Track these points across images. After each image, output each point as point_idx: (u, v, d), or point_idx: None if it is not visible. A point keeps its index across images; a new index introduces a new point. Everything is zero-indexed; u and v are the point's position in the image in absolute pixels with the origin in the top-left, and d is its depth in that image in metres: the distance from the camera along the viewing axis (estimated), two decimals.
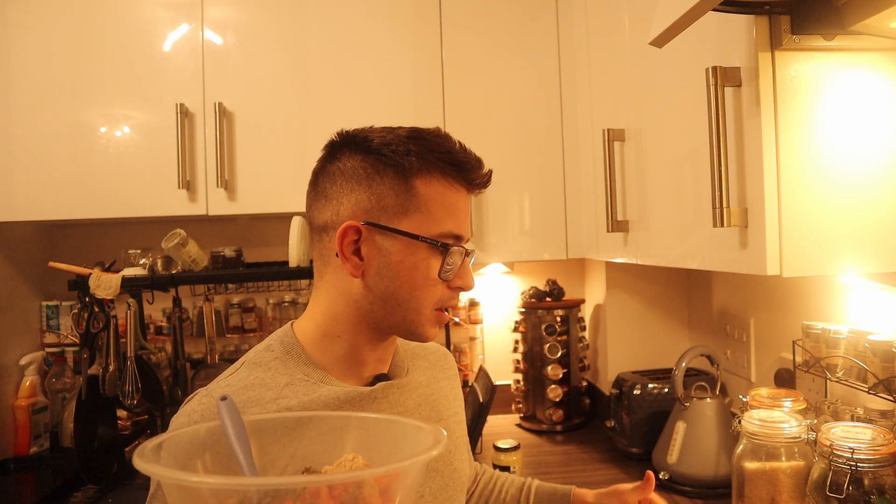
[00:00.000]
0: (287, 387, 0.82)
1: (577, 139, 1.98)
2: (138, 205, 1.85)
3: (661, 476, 1.57)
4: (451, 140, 0.87)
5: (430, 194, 0.82)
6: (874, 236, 0.97)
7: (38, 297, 2.10)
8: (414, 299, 0.83)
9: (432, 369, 1.00)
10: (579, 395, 2.20)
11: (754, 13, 0.95)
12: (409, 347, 1.01)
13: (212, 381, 0.86)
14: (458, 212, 0.85)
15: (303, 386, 0.83)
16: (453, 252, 0.83)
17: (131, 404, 1.70)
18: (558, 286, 2.24)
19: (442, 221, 0.83)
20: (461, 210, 0.86)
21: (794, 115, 0.96)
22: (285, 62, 1.90)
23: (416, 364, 0.98)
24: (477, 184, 0.87)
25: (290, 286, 2.19)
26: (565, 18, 2.01)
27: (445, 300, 0.85)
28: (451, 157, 0.84)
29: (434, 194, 0.83)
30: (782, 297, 1.59)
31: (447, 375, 1.02)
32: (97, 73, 1.84)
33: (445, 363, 1.04)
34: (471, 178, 0.86)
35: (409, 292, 0.83)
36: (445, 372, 1.02)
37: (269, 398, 0.80)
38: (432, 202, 0.82)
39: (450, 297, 0.86)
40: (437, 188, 0.83)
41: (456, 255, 0.84)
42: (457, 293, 0.87)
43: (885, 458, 0.98)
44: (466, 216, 0.87)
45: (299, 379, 0.83)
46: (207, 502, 0.51)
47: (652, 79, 1.38)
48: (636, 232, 1.52)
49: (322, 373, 0.85)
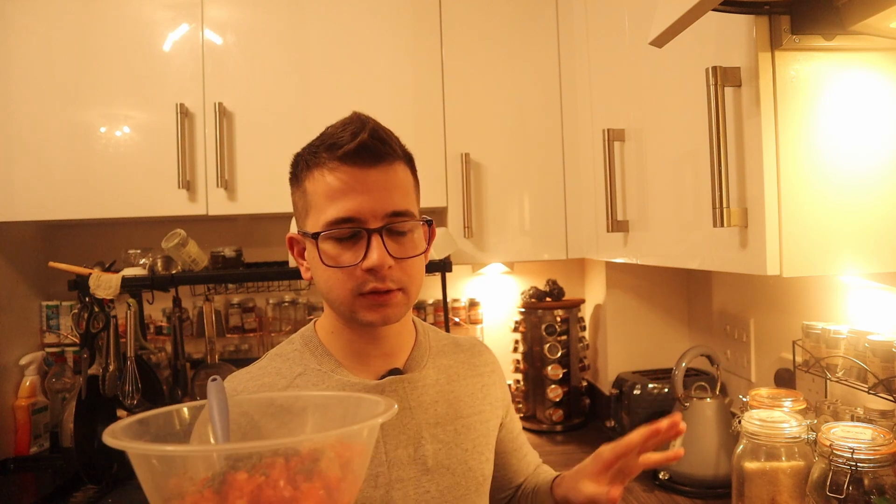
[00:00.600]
0: (300, 376, 0.90)
1: (577, 139, 1.98)
2: (138, 205, 1.85)
3: (661, 476, 1.57)
4: (341, 125, 0.85)
5: (314, 188, 0.85)
6: (874, 236, 0.97)
7: (38, 297, 2.10)
8: (331, 290, 0.85)
9: (458, 367, 0.99)
10: (579, 395, 2.20)
11: (754, 13, 0.95)
12: (442, 344, 1.01)
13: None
14: (341, 193, 0.82)
15: (314, 376, 0.89)
16: (324, 238, 0.83)
17: (131, 404, 1.70)
18: (558, 286, 2.24)
19: (325, 210, 0.83)
20: (348, 189, 0.82)
21: (794, 115, 0.96)
22: (285, 62, 1.90)
23: (438, 361, 0.98)
24: (351, 152, 0.81)
25: (290, 286, 2.19)
26: (565, 18, 2.01)
27: (359, 286, 0.83)
28: (327, 143, 0.84)
29: (316, 187, 0.84)
30: (782, 297, 1.59)
31: (477, 373, 1.01)
32: (97, 73, 1.84)
33: (478, 361, 1.02)
34: (342, 153, 0.81)
35: (326, 286, 0.86)
36: (475, 370, 1.01)
37: (281, 385, 0.88)
38: (317, 195, 0.84)
39: (363, 282, 0.82)
40: (318, 180, 0.84)
41: (328, 240, 0.83)
42: (371, 275, 0.82)
43: (885, 458, 0.98)
44: (359, 192, 0.82)
45: (313, 369, 0.90)
46: (180, 479, 0.51)
47: (652, 79, 1.38)
48: (636, 232, 1.52)
49: (335, 364, 0.91)
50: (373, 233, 0.82)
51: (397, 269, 0.84)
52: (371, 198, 0.82)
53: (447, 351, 1.01)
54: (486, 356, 1.05)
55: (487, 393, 1.01)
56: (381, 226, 0.82)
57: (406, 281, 0.85)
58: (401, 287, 0.85)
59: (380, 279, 0.82)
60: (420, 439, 0.90)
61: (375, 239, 0.82)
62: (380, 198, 0.82)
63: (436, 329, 1.05)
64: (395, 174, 0.85)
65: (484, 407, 0.99)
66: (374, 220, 0.82)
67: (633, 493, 1.57)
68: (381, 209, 0.83)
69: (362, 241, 0.82)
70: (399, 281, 0.84)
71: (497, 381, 1.04)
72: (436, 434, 0.92)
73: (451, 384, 0.97)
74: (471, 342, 1.06)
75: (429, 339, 1.00)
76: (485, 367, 1.03)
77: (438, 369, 0.97)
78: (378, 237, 0.82)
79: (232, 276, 1.86)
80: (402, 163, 0.87)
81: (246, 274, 1.84)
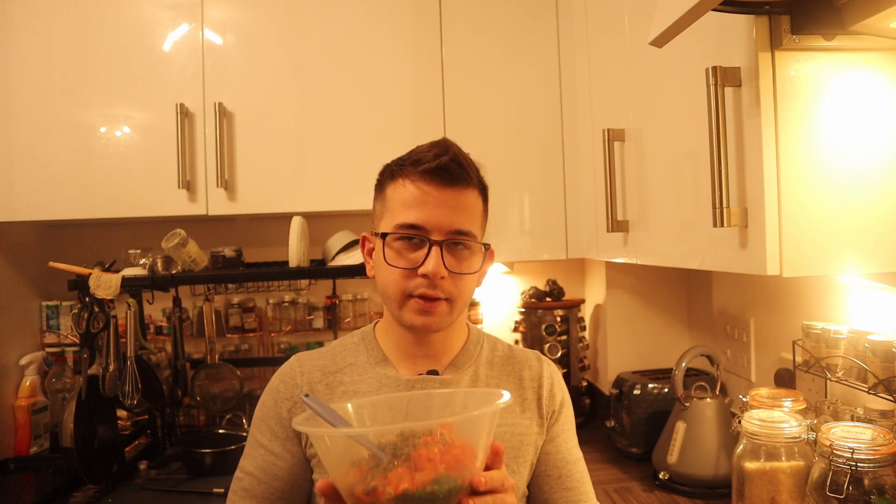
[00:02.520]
0: (350, 365, 1.01)
1: (577, 139, 1.98)
2: (138, 205, 1.85)
3: (661, 476, 1.57)
4: (429, 146, 0.94)
5: (393, 195, 0.94)
6: (874, 236, 0.97)
7: (38, 297, 2.10)
8: (387, 287, 0.94)
9: (501, 378, 1.02)
10: (579, 395, 2.20)
11: (754, 13, 0.95)
12: (495, 354, 1.05)
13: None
14: (416, 203, 0.91)
15: (361, 367, 1.00)
16: (392, 239, 0.92)
17: (131, 404, 1.70)
18: (558, 286, 2.24)
19: (397, 215, 0.93)
20: (422, 201, 0.91)
21: (794, 115, 0.96)
22: (285, 62, 1.90)
23: (480, 370, 1.02)
24: (431, 170, 0.91)
25: (290, 286, 2.19)
26: (565, 18, 2.01)
27: (412, 288, 0.91)
28: (413, 159, 0.93)
29: (395, 194, 0.94)
30: (782, 297, 1.59)
31: (520, 386, 1.02)
32: (97, 73, 1.84)
33: (526, 374, 1.04)
34: (423, 168, 0.91)
35: (384, 283, 0.95)
36: (520, 383, 1.03)
37: (331, 369, 1.01)
38: (394, 201, 0.94)
39: (416, 286, 0.91)
40: (399, 188, 0.94)
41: (395, 241, 0.92)
42: (424, 280, 0.90)
43: (885, 458, 0.98)
44: (431, 206, 0.91)
45: (363, 361, 1.01)
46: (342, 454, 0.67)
47: (652, 79, 1.38)
48: (636, 232, 1.52)
49: (382, 358, 1.01)
50: (434, 244, 0.91)
51: (449, 281, 0.92)
52: (440, 213, 0.91)
53: (497, 362, 1.04)
54: (536, 371, 1.04)
55: (528, 407, 1.01)
56: (443, 239, 0.91)
57: (455, 294, 0.93)
58: (448, 298, 0.92)
59: (431, 286, 0.91)
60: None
61: (435, 249, 0.90)
62: (447, 215, 0.91)
63: (497, 340, 1.09)
64: (466, 198, 0.94)
65: (521, 420, 0.99)
66: (438, 232, 0.91)
67: (633, 493, 1.57)
68: (447, 225, 0.91)
69: (424, 249, 0.91)
70: (448, 292, 0.92)
71: (545, 396, 1.02)
72: None
73: None
74: (525, 355, 1.07)
75: (480, 348, 1.04)
76: (531, 382, 1.03)
77: (477, 376, 1.01)
78: (438, 248, 0.90)
79: (232, 276, 1.85)
80: (476, 191, 0.97)
81: (246, 274, 1.84)
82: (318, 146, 1.90)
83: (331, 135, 1.91)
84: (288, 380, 1.00)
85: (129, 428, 1.99)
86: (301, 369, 1.01)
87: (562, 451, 1.02)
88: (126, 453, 1.84)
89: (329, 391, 0.98)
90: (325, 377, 1.00)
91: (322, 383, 0.99)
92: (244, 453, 1.01)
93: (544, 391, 1.03)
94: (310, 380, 0.99)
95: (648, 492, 1.57)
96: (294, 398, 0.98)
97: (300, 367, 1.01)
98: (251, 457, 0.99)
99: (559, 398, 1.05)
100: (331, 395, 0.98)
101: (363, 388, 0.98)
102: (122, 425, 1.96)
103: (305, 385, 0.99)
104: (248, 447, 1.01)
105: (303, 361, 1.03)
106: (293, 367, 1.02)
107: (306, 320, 2.24)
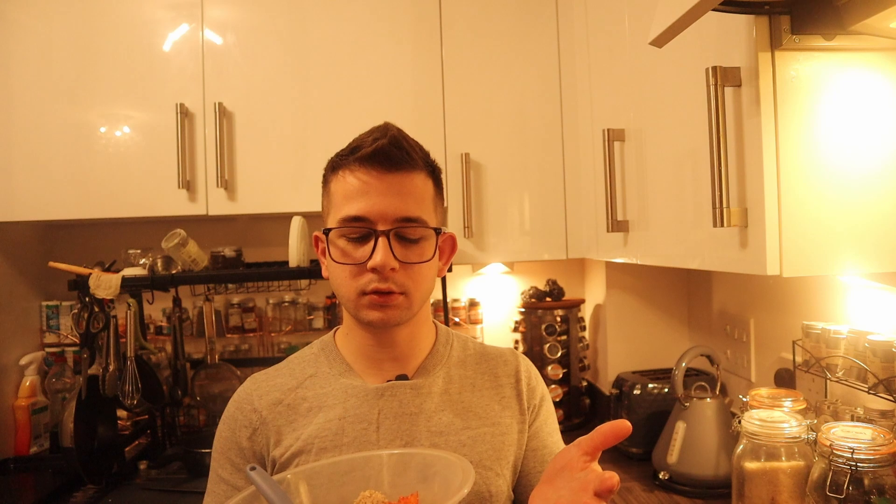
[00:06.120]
0: (310, 378, 0.94)
1: (577, 139, 1.98)
2: (138, 205, 1.85)
3: (661, 476, 1.57)
4: (368, 132, 0.89)
5: (335, 188, 0.89)
6: (874, 236, 0.97)
7: (38, 297, 2.10)
8: (340, 286, 0.89)
9: (476, 377, 0.97)
10: (579, 395, 2.20)
11: (754, 13, 0.95)
12: (467, 353, 1.00)
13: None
14: (357, 194, 0.85)
15: (323, 378, 0.94)
16: (336, 235, 0.87)
17: (131, 404, 1.70)
18: (558, 286, 2.24)
19: (341, 208, 0.87)
20: (363, 191, 0.85)
21: (794, 115, 0.96)
22: (285, 62, 1.90)
23: (453, 370, 0.96)
24: (369, 155, 0.85)
25: (290, 286, 2.19)
26: (565, 18, 2.01)
27: (363, 285, 0.86)
28: (351, 147, 0.89)
29: (337, 187, 0.89)
30: (782, 297, 1.59)
31: (497, 384, 0.98)
32: (97, 73, 1.84)
33: (502, 371, 0.99)
34: (361, 155, 0.85)
35: (336, 282, 0.89)
36: (496, 381, 0.98)
37: (291, 385, 0.94)
38: (337, 194, 0.88)
39: (368, 281, 0.85)
40: (340, 180, 0.88)
41: (339, 238, 0.87)
42: (375, 275, 0.85)
43: (885, 458, 0.98)
44: (373, 194, 0.85)
45: (324, 372, 0.95)
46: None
47: (652, 79, 1.38)
48: (636, 232, 1.52)
49: (345, 367, 0.94)
50: (380, 234, 0.84)
51: (402, 272, 0.86)
52: (384, 201, 0.85)
53: (469, 361, 0.99)
54: (512, 366, 1.01)
55: (507, 405, 0.97)
56: (390, 228, 0.85)
57: (410, 286, 0.87)
58: (403, 291, 0.86)
59: (382, 280, 0.84)
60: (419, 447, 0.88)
61: (382, 240, 0.84)
62: (392, 202, 0.85)
63: (467, 339, 1.04)
64: (412, 182, 0.87)
65: (501, 419, 0.95)
66: (383, 222, 0.85)
67: (633, 492, 1.57)
68: (393, 213, 0.85)
69: (371, 241, 0.85)
70: (402, 285, 0.86)
71: (524, 391, 0.99)
72: (437, 444, 0.89)
73: (463, 394, 0.94)
74: (499, 352, 1.03)
75: (450, 348, 0.99)
76: (508, 378, 0.99)
77: (450, 378, 0.95)
78: (385, 239, 0.84)
79: (232, 276, 1.85)
80: (424, 173, 0.90)
81: (246, 274, 1.84)
82: (318, 146, 1.90)
83: (331, 135, 1.89)
84: (245, 405, 0.93)
85: (129, 428, 1.99)
86: (258, 392, 0.93)
87: (549, 445, 0.99)
88: (126, 453, 1.84)
89: (291, 411, 0.91)
90: (285, 396, 0.92)
91: (282, 404, 0.91)
92: (207, 491, 0.94)
93: (523, 385, 0.99)
94: (269, 402, 0.92)
95: (648, 492, 1.57)
96: (254, 424, 0.90)
97: (256, 389, 0.94)
98: (214, 494, 0.92)
99: (539, 392, 1.02)
100: (294, 414, 0.91)
101: (329, 402, 0.91)
102: (122, 425, 1.96)
103: (265, 408, 0.91)
104: (210, 484, 0.94)
105: (259, 384, 0.95)
106: (249, 392, 0.94)
107: (306, 320, 2.24)
